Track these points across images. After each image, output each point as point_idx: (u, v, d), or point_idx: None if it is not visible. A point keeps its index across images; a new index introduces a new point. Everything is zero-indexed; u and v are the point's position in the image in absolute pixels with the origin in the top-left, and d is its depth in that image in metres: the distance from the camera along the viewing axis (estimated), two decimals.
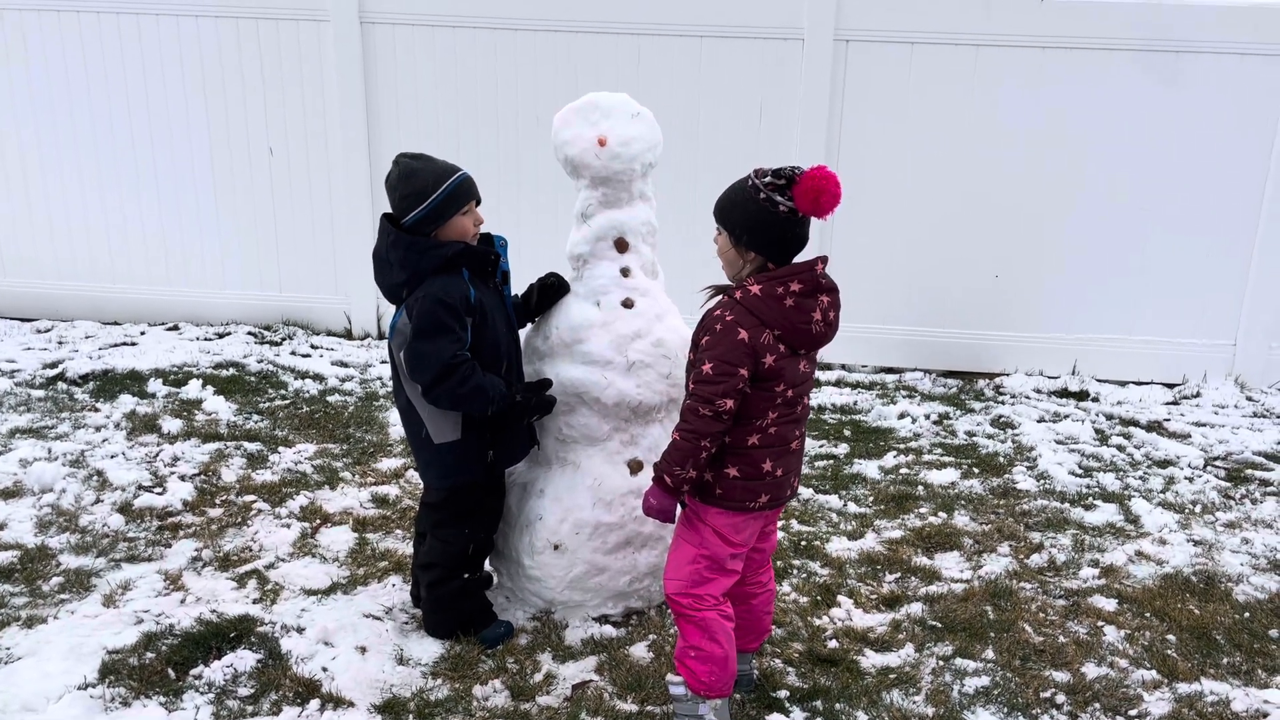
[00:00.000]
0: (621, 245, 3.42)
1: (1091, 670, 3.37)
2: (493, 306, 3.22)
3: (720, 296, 2.81)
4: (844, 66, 5.98)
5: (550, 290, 3.43)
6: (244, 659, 3.20)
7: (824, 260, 2.82)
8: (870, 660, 3.37)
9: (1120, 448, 5.29)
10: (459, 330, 3.07)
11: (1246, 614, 3.74)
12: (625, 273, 3.42)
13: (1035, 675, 3.32)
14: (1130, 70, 5.85)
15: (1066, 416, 5.68)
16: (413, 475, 4.60)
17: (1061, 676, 3.32)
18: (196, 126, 6.42)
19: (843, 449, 5.15)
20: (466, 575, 3.37)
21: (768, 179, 2.72)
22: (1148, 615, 3.71)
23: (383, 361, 6.13)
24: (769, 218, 2.72)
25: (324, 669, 3.21)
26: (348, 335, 6.61)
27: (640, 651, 3.36)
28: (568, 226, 3.52)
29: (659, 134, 3.41)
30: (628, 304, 3.41)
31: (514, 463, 3.42)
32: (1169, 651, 3.49)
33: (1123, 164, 6.00)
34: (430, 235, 3.13)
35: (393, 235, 3.13)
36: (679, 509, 2.93)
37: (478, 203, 3.21)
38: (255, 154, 6.45)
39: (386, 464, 4.75)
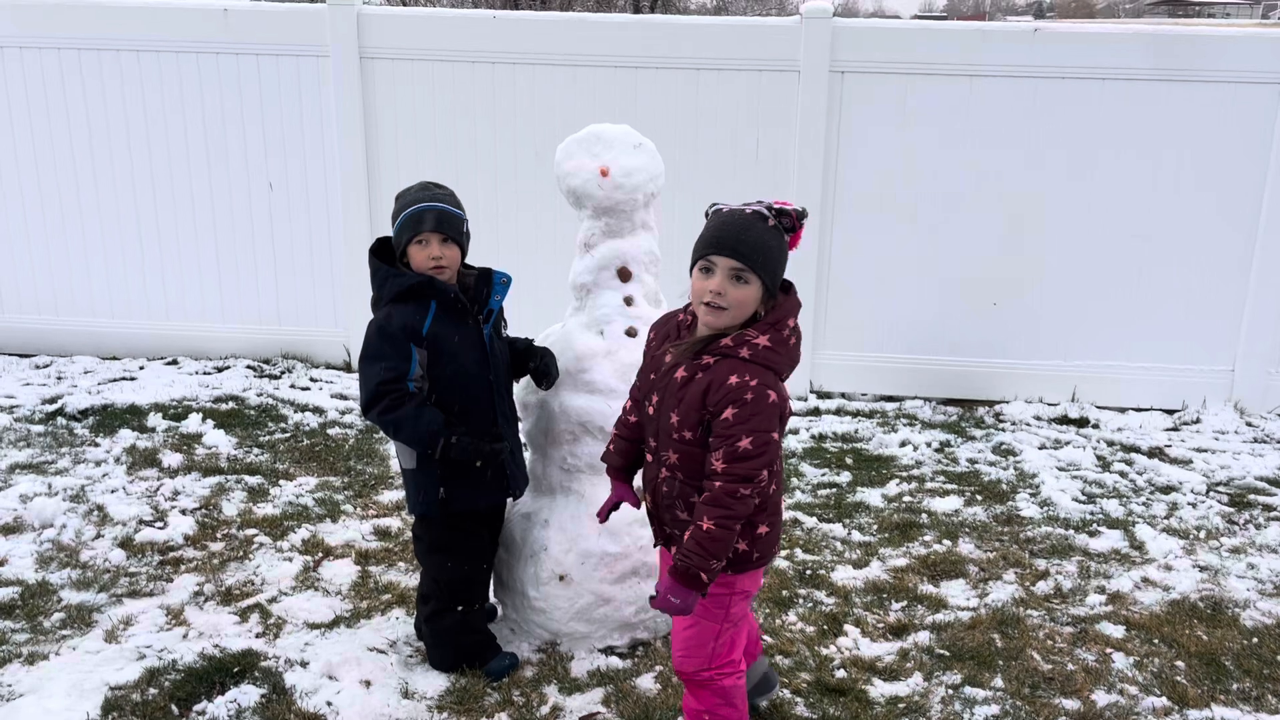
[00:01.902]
0: (625, 274, 3.44)
1: (1101, 698, 3.35)
2: (462, 343, 3.15)
3: (719, 359, 2.49)
4: (840, 97, 6.03)
5: (533, 373, 3.37)
6: (248, 694, 3.17)
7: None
8: (879, 689, 3.35)
9: (1122, 474, 5.28)
10: (395, 358, 3.06)
11: (1255, 639, 3.72)
12: (629, 301, 3.44)
13: (1045, 703, 3.30)
14: (1123, 99, 5.90)
15: (1067, 443, 5.68)
16: None
17: (1071, 704, 3.30)
18: (196, 162, 6.44)
19: (845, 477, 5.15)
20: (461, 608, 3.33)
21: (804, 220, 2.52)
22: (1156, 642, 3.69)
23: None
24: (787, 257, 2.54)
25: (328, 704, 3.18)
26: (347, 368, 6.60)
27: (647, 683, 3.33)
28: (569, 257, 3.54)
29: (661, 164, 3.44)
30: (631, 333, 3.42)
31: (472, 507, 3.26)
32: (1178, 678, 3.47)
33: (1118, 191, 6.04)
34: (403, 261, 3.18)
35: (370, 259, 3.20)
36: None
37: (445, 238, 3.12)
38: (254, 188, 6.47)
39: (388, 496, 4.73)
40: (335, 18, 6.13)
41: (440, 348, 3.12)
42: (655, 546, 2.88)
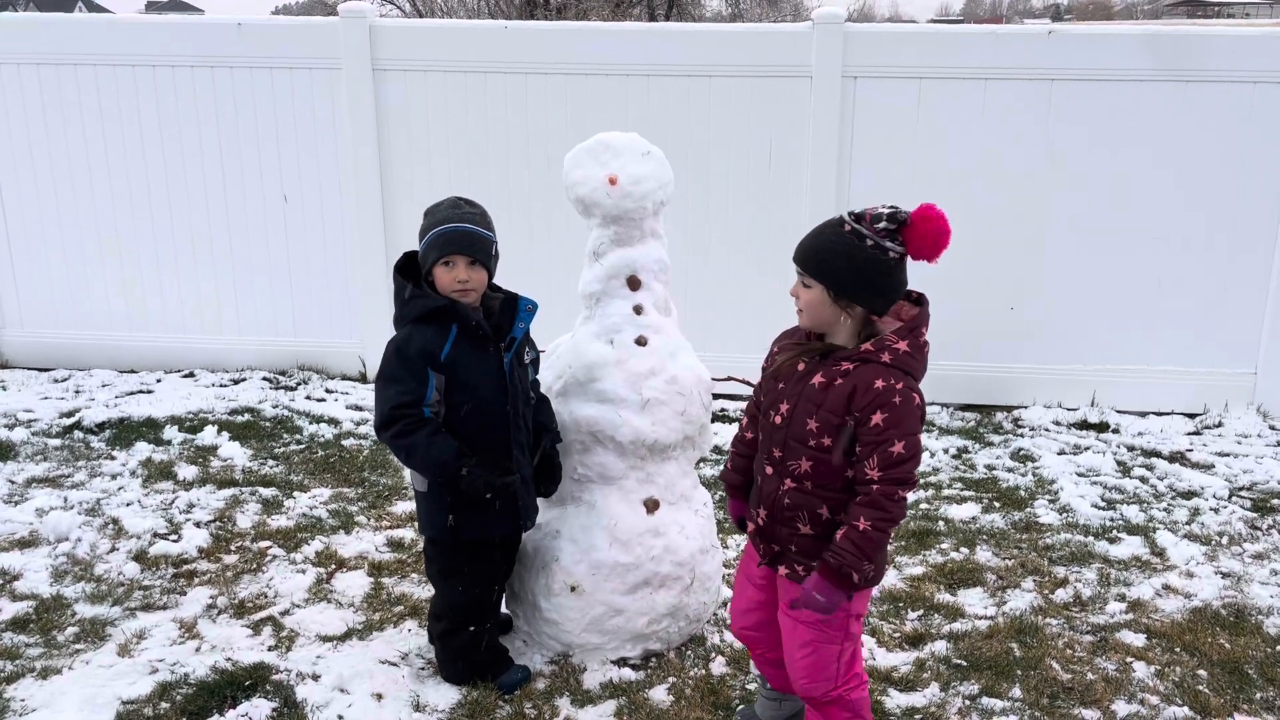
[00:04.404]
0: (634, 283, 3.42)
1: (1122, 708, 3.29)
2: (480, 370, 3.08)
3: (859, 364, 2.50)
4: (852, 102, 5.99)
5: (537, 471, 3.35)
6: (259, 708, 3.16)
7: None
8: (895, 700, 3.31)
9: (1143, 479, 5.22)
10: (411, 381, 3.00)
11: (1278, 647, 3.66)
12: (638, 310, 3.42)
13: (1064, 714, 3.25)
14: (1141, 100, 5.84)
15: (1087, 448, 5.61)
16: None
17: (1091, 715, 3.25)
18: (211, 175, 6.47)
19: None
20: (473, 628, 3.30)
21: (881, 224, 2.50)
22: (1177, 650, 3.63)
23: None
24: (879, 265, 2.50)
25: (340, 717, 3.17)
26: (362, 379, 6.61)
27: (660, 695, 3.31)
28: (580, 266, 3.52)
29: (669, 172, 3.42)
30: (641, 342, 3.40)
31: (484, 535, 3.21)
32: (1200, 687, 3.41)
33: (1137, 193, 5.98)
34: (428, 280, 3.11)
35: (395, 276, 3.15)
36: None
37: (473, 261, 3.06)
38: (269, 201, 6.49)
39: (401, 507, 4.73)
40: (348, 30, 6.16)
41: (457, 374, 3.05)
42: (760, 566, 2.82)
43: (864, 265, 2.50)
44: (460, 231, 3.05)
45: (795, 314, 2.66)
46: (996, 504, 4.88)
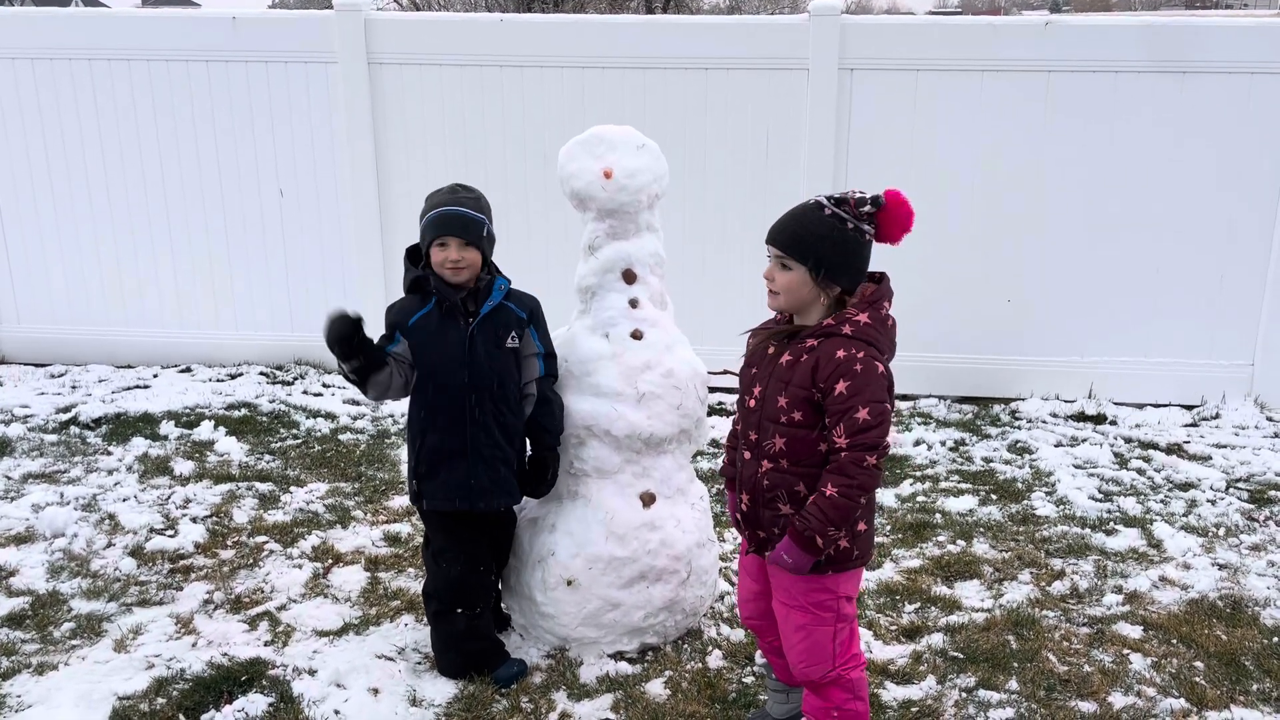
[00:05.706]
0: (629, 277, 3.41)
1: (1118, 700, 3.30)
2: (443, 339, 3.23)
3: (823, 338, 2.60)
4: (849, 94, 5.98)
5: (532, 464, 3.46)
6: (255, 703, 3.17)
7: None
8: (891, 693, 3.31)
9: (1140, 471, 5.21)
10: (385, 334, 3.29)
11: (1275, 638, 3.66)
12: (634, 304, 3.42)
13: (1061, 706, 3.25)
14: (1138, 91, 5.83)
15: (1084, 440, 5.61)
16: None
17: (1088, 707, 3.25)
18: (207, 169, 6.46)
19: None
20: (460, 610, 3.32)
21: (866, 208, 2.64)
22: (1174, 642, 3.63)
23: None
24: (858, 247, 2.64)
25: (336, 712, 3.17)
26: None
27: (657, 689, 3.31)
28: (576, 260, 3.51)
29: (664, 165, 3.42)
30: (637, 335, 3.39)
31: (439, 505, 3.27)
32: (1197, 679, 3.41)
33: (1134, 185, 5.96)
34: (426, 258, 3.27)
35: (405, 254, 3.36)
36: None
37: (465, 243, 3.18)
38: (265, 195, 6.48)
39: (398, 502, 4.72)
40: (342, 24, 6.14)
41: (418, 340, 3.24)
42: (748, 554, 2.90)
43: (846, 247, 2.63)
44: (453, 214, 3.20)
45: (768, 297, 2.72)
46: (993, 496, 4.88)
